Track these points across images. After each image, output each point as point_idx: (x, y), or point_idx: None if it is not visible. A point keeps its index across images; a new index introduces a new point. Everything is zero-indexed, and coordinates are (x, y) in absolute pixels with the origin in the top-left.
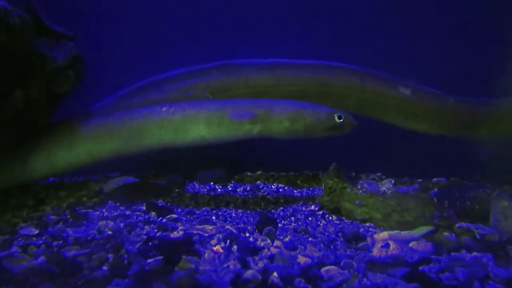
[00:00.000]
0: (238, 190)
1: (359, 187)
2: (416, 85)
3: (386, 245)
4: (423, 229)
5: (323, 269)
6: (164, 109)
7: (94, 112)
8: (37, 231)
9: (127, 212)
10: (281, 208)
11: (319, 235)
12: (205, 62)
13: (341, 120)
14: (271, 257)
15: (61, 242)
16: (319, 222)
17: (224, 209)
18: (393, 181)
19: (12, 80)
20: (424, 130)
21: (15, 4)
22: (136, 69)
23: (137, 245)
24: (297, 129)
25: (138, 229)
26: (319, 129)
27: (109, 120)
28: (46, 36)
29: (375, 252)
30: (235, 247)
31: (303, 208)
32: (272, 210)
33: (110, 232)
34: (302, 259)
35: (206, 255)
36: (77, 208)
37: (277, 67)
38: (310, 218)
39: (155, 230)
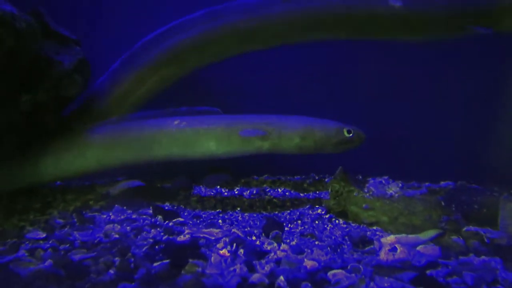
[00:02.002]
0: (244, 193)
1: (365, 190)
2: None
3: (393, 249)
4: (431, 233)
5: (330, 273)
6: (175, 122)
7: (94, 90)
8: (44, 235)
9: (134, 216)
10: (288, 211)
11: (325, 239)
12: None
13: (351, 135)
14: (278, 261)
15: (68, 245)
16: (325, 226)
17: (231, 212)
18: (400, 184)
19: (20, 84)
20: (429, 38)
21: (22, 8)
22: None
23: (144, 249)
24: (307, 145)
25: (145, 232)
26: (329, 144)
27: (120, 130)
28: (52, 40)
29: (382, 255)
30: (241, 250)
31: (310, 212)
32: (279, 214)
33: (116, 236)
34: (308, 263)
35: (212, 258)
36: (84, 212)
37: (262, 5)
38: (316, 222)
39: (162, 234)
